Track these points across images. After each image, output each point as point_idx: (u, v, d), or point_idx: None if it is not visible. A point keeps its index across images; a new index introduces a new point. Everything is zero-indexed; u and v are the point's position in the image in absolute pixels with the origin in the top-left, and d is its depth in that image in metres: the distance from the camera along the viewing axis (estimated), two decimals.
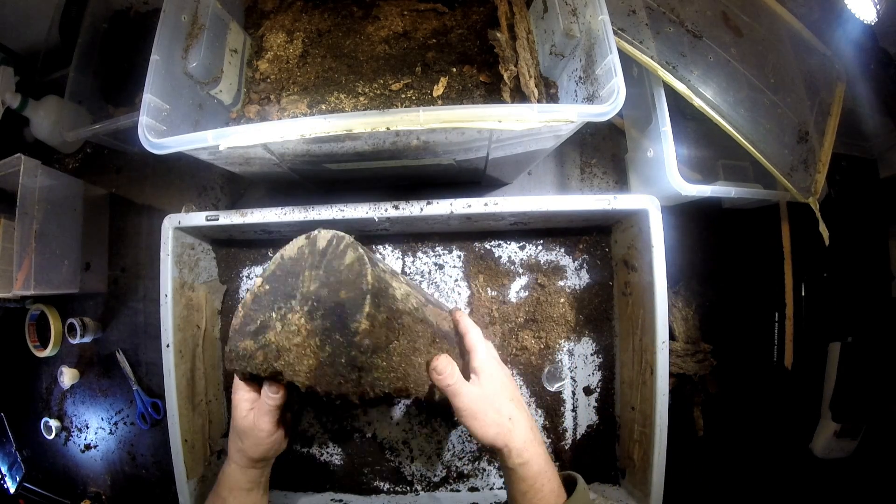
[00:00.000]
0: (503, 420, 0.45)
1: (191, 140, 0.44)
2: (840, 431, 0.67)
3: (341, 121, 0.40)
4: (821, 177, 0.59)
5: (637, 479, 0.58)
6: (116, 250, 0.79)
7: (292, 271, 0.43)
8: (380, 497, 0.65)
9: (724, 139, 0.55)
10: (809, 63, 0.63)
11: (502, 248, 0.67)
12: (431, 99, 0.58)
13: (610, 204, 0.54)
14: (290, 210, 0.56)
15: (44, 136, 0.78)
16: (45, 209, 0.68)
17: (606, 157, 0.73)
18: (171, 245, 0.58)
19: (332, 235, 0.43)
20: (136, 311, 0.77)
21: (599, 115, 0.41)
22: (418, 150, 0.49)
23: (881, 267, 0.72)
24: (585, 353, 0.66)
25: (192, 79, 0.54)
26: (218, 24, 0.57)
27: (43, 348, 0.77)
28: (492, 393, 0.46)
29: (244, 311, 0.45)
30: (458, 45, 0.61)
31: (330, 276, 0.41)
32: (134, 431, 0.76)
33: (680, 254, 0.68)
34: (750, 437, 0.68)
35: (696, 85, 0.54)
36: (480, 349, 0.49)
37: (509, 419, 0.45)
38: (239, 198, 0.76)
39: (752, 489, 0.68)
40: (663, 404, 0.53)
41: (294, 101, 0.59)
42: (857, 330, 0.68)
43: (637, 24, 0.55)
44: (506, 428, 0.45)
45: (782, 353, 0.69)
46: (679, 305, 0.68)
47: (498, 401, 0.46)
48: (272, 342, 0.42)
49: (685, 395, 0.67)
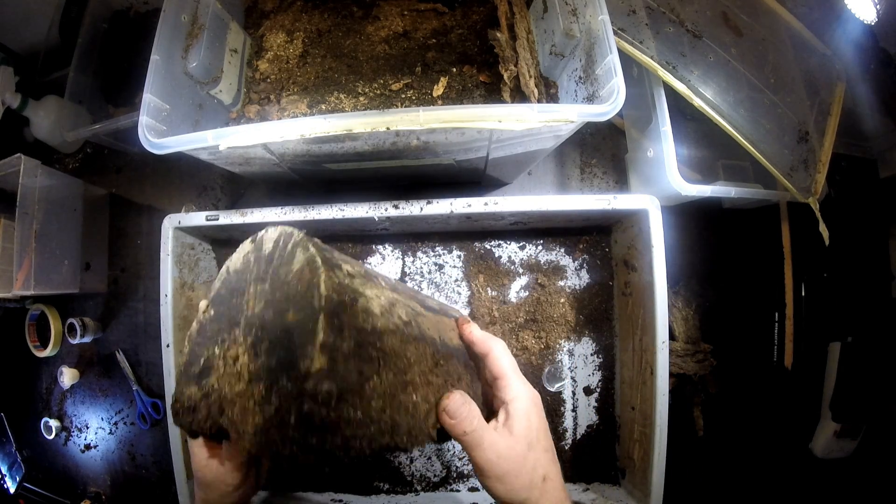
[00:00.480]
0: (536, 481, 0.34)
1: (191, 140, 0.44)
2: (840, 431, 0.67)
3: (341, 121, 0.40)
4: (821, 177, 0.59)
5: (637, 479, 0.57)
6: (116, 250, 0.79)
7: (237, 288, 0.33)
8: (380, 497, 0.65)
9: (724, 139, 0.55)
10: (809, 63, 0.63)
11: (502, 248, 0.67)
12: (431, 99, 0.58)
13: (610, 204, 0.54)
14: (290, 210, 0.56)
15: (44, 136, 0.78)
16: (45, 209, 0.68)
17: (606, 157, 0.73)
18: (171, 245, 0.58)
19: (280, 233, 0.32)
20: (136, 311, 0.77)
21: (599, 115, 0.41)
22: (418, 150, 0.49)
23: (881, 267, 0.72)
24: (585, 353, 0.66)
25: (192, 79, 0.54)
26: (218, 24, 0.57)
27: (43, 348, 0.77)
28: (526, 445, 0.34)
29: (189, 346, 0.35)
30: (458, 45, 0.61)
31: (276, 291, 0.29)
32: (134, 431, 0.76)
33: (680, 254, 0.68)
34: (750, 437, 0.68)
35: (696, 85, 0.54)
36: (512, 378, 0.36)
37: (543, 480, 0.35)
38: (239, 198, 0.76)
39: (752, 489, 0.68)
40: (663, 404, 0.52)
41: (294, 101, 0.59)
42: (857, 330, 0.68)
43: (637, 24, 0.55)
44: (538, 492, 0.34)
45: (782, 353, 0.69)
46: (679, 305, 0.68)
47: (533, 455, 0.35)
48: (214, 389, 0.32)
49: (685, 395, 0.67)
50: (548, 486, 0.35)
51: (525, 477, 0.34)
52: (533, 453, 0.34)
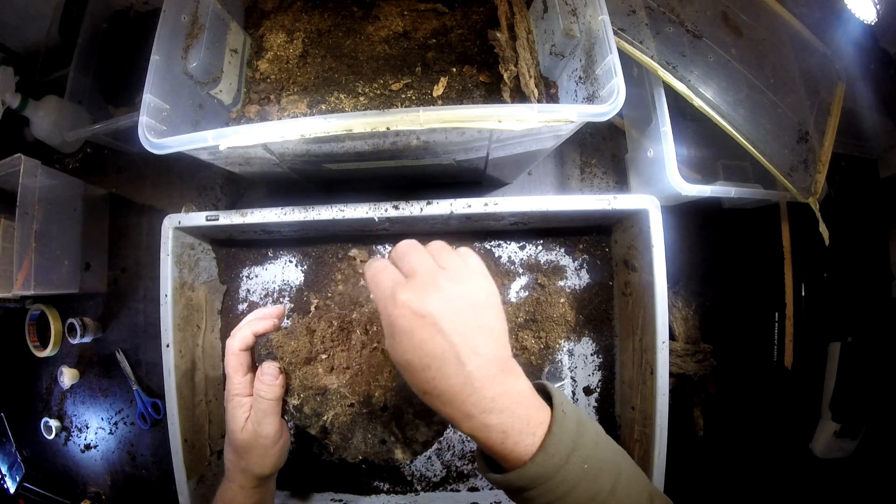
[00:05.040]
0: (419, 392, 0.33)
1: (191, 140, 0.44)
2: (840, 431, 0.67)
3: (341, 121, 0.40)
4: (821, 177, 0.59)
5: None
6: (116, 250, 0.79)
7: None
8: (380, 497, 0.65)
9: (724, 139, 0.55)
10: (809, 63, 0.63)
11: (502, 248, 0.67)
12: (431, 99, 0.58)
13: (610, 204, 0.54)
14: (290, 210, 0.56)
15: (44, 136, 0.78)
16: (45, 209, 0.68)
17: (606, 157, 0.73)
18: (171, 245, 0.58)
19: None
20: (136, 311, 0.77)
21: (599, 115, 0.41)
22: (418, 150, 0.49)
23: (881, 267, 0.72)
24: (585, 353, 0.66)
25: (192, 79, 0.54)
26: (218, 24, 0.57)
27: (43, 348, 0.77)
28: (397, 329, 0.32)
29: None
30: (458, 45, 0.61)
31: None
32: (134, 431, 0.76)
33: (680, 254, 0.68)
34: (750, 437, 0.68)
35: (696, 85, 0.54)
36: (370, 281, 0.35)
37: (424, 393, 0.32)
38: (239, 198, 0.76)
39: (752, 489, 0.68)
40: (663, 404, 0.52)
41: (294, 101, 0.59)
42: (857, 330, 0.68)
43: (637, 24, 0.55)
44: (424, 399, 0.33)
45: (782, 353, 0.69)
46: (679, 305, 0.67)
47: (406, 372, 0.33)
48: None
49: (685, 395, 0.67)
50: (428, 399, 0.32)
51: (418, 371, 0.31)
52: (405, 371, 0.32)
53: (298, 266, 0.69)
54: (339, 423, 0.47)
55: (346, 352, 0.47)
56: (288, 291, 0.69)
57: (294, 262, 0.69)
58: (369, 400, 0.46)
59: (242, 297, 0.69)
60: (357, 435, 0.47)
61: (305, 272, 0.69)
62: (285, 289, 0.69)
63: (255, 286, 0.69)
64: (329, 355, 0.47)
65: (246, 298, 0.69)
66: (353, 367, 0.46)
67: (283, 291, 0.69)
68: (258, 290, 0.69)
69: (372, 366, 0.46)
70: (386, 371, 0.46)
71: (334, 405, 0.46)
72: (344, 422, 0.46)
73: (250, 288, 0.69)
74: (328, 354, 0.47)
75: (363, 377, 0.46)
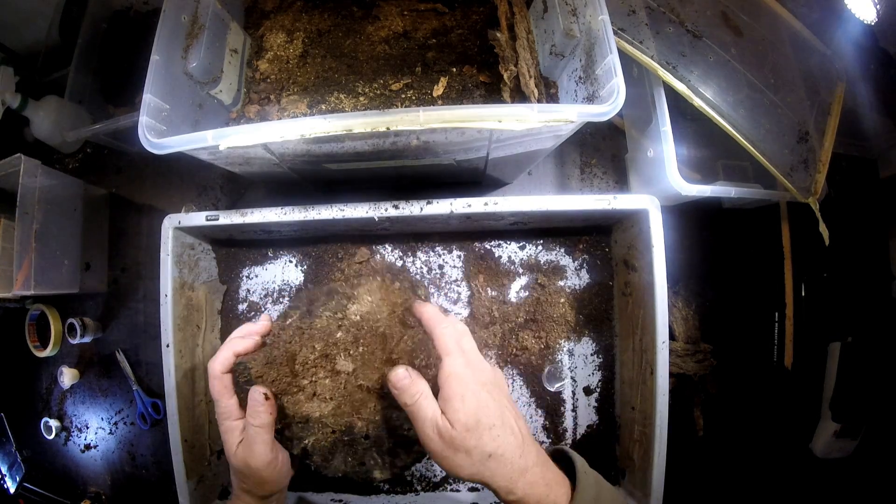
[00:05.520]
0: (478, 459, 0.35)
1: (191, 140, 0.44)
2: (840, 431, 0.67)
3: (341, 121, 0.40)
4: (821, 177, 0.59)
5: (637, 480, 0.57)
6: (116, 250, 0.79)
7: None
8: (380, 497, 0.65)
9: (724, 139, 0.55)
10: (809, 63, 0.63)
11: (502, 248, 0.67)
12: (431, 99, 0.58)
13: (610, 204, 0.54)
14: (290, 210, 0.56)
15: (44, 136, 0.78)
16: (45, 209, 0.68)
17: (606, 157, 0.73)
18: (171, 245, 0.58)
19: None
20: (136, 311, 0.77)
21: (599, 115, 0.41)
22: (418, 151, 0.49)
23: (881, 267, 0.72)
24: (585, 353, 0.66)
25: (191, 79, 0.54)
26: (218, 24, 0.57)
27: (43, 348, 0.77)
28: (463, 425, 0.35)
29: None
30: (458, 45, 0.61)
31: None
32: (134, 431, 0.76)
33: (680, 254, 0.68)
34: (750, 437, 0.68)
35: (696, 85, 0.54)
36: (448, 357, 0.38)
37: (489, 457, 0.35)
38: (239, 198, 0.76)
39: (752, 489, 0.68)
40: (663, 404, 0.52)
41: (294, 101, 0.59)
42: (857, 330, 0.68)
43: (637, 24, 0.55)
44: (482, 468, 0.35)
45: (782, 353, 0.69)
46: (679, 305, 0.68)
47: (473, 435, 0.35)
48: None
49: (685, 395, 0.67)
50: (492, 464, 0.35)
51: (462, 456, 0.35)
52: (472, 434, 0.35)
53: (298, 266, 0.69)
54: (319, 447, 0.46)
55: (330, 379, 0.45)
56: (288, 291, 0.69)
57: (294, 261, 0.69)
58: (351, 430, 0.45)
59: (242, 297, 0.69)
60: (338, 457, 0.47)
61: (305, 272, 0.69)
62: (285, 289, 0.69)
63: (255, 286, 0.69)
64: (311, 381, 0.45)
65: (246, 298, 0.69)
66: (337, 398, 0.44)
67: (283, 291, 0.69)
68: (258, 290, 0.69)
69: (355, 400, 0.45)
70: (370, 405, 0.45)
71: (315, 432, 0.45)
72: (325, 446, 0.46)
73: (250, 288, 0.69)
74: (310, 380, 0.45)
75: (346, 408, 0.45)
